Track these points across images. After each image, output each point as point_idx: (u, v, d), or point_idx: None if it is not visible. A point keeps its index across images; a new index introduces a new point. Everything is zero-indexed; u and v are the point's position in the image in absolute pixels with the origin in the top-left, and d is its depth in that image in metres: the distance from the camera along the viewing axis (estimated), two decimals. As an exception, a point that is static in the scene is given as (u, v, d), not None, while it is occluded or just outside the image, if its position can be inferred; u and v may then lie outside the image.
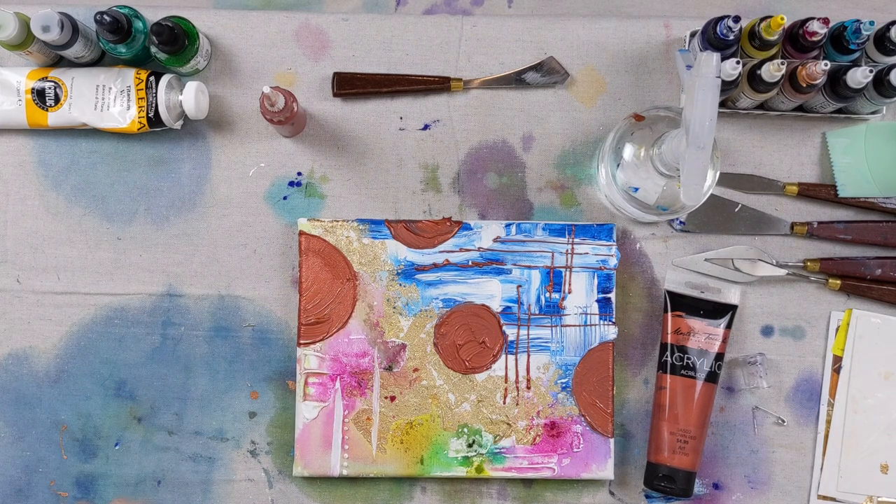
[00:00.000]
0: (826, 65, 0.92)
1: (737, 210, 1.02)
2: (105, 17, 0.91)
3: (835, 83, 0.95)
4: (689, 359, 0.98)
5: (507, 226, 1.00)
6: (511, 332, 0.99)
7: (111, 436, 1.00)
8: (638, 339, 1.02)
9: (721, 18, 0.93)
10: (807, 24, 0.93)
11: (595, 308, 0.99)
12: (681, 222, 1.02)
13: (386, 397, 0.98)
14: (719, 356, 0.99)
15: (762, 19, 0.93)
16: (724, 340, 0.99)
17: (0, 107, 0.98)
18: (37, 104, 0.97)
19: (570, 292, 0.99)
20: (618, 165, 0.94)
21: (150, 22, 0.96)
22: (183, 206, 1.02)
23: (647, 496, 1.00)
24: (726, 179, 1.02)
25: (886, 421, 1.01)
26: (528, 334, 0.99)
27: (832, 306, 1.02)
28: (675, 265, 1.02)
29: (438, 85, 1.02)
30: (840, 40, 0.95)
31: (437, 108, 1.03)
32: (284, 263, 1.01)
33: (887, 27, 0.94)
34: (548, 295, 0.99)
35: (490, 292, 0.99)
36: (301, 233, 0.99)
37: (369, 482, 1.00)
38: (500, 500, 1.00)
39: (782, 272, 1.01)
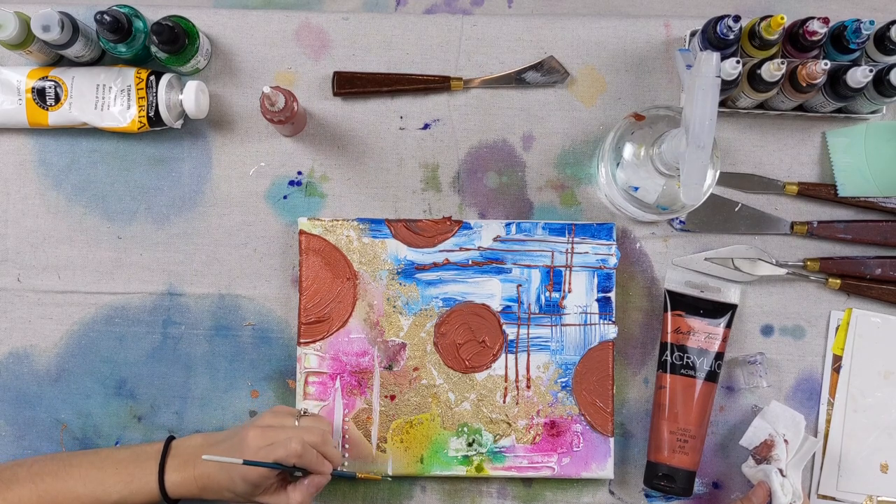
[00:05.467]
0: (826, 64, 0.92)
1: (737, 209, 1.02)
2: (105, 16, 0.91)
3: (835, 83, 0.95)
4: (688, 358, 0.98)
5: (507, 225, 1.00)
6: (511, 332, 0.99)
7: (111, 434, 1.00)
8: (638, 339, 1.02)
9: (721, 18, 0.93)
10: (807, 24, 0.93)
11: (595, 307, 0.99)
12: (681, 221, 1.02)
13: (386, 396, 0.98)
14: (719, 355, 0.99)
15: (762, 19, 0.93)
16: (724, 340, 0.99)
17: (0, 106, 0.98)
18: (37, 103, 0.97)
19: (569, 291, 0.99)
20: (618, 165, 0.94)
21: (150, 21, 0.96)
22: (183, 206, 1.02)
23: (646, 495, 1.01)
24: (726, 179, 1.02)
25: (886, 420, 1.01)
26: (528, 333, 0.99)
27: (832, 306, 1.02)
28: (675, 264, 1.02)
29: (438, 84, 1.02)
30: (840, 40, 0.95)
31: (438, 107, 1.03)
32: (285, 262, 1.01)
33: (887, 27, 0.94)
34: (548, 294, 0.99)
35: (490, 291, 0.99)
36: (301, 232, 0.99)
37: (369, 481, 1.00)
38: (500, 500, 1.00)
39: (782, 271, 1.01)
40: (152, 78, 0.97)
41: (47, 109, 0.97)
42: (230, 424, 1.00)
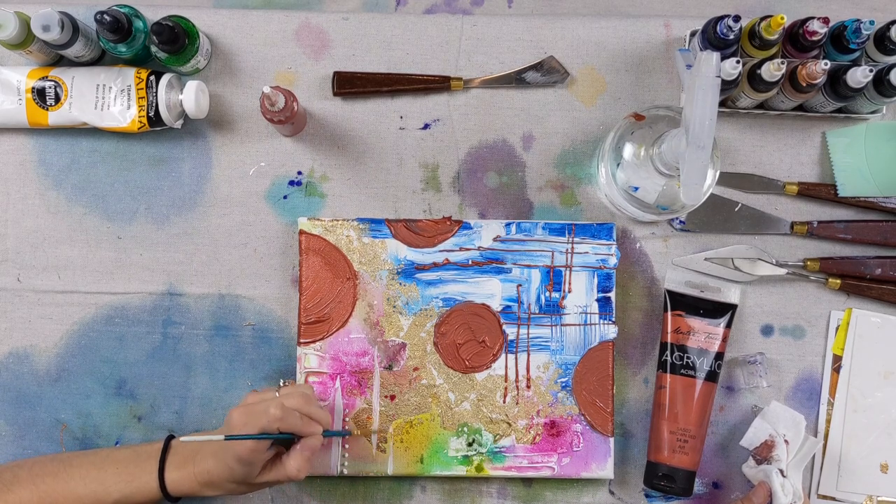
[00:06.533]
0: (826, 64, 0.92)
1: (737, 209, 1.02)
2: (105, 16, 0.91)
3: (835, 83, 0.95)
4: (688, 358, 0.98)
5: (507, 225, 1.00)
6: (511, 332, 0.99)
7: (111, 434, 1.00)
8: (638, 339, 1.02)
9: (721, 18, 0.93)
10: (807, 24, 0.93)
11: (595, 307, 0.99)
12: (681, 221, 1.02)
13: (386, 396, 0.98)
14: (719, 355, 0.99)
15: (762, 19, 0.93)
16: (724, 340, 0.99)
17: (0, 106, 0.98)
18: (37, 103, 0.97)
19: (570, 291, 0.99)
20: (618, 165, 0.94)
21: (150, 21, 0.96)
22: (183, 206, 1.02)
23: (646, 495, 1.01)
24: (726, 179, 1.02)
25: (886, 420, 1.01)
26: (528, 333, 0.99)
27: (832, 305, 1.02)
28: (675, 264, 1.02)
29: (438, 84, 1.02)
30: (840, 40, 0.95)
31: (438, 107, 1.03)
32: (285, 262, 1.01)
33: (887, 27, 0.94)
34: (548, 294, 0.99)
35: (490, 291, 0.99)
36: (301, 232, 0.99)
37: (369, 481, 1.00)
38: (500, 500, 1.00)
39: (782, 271, 1.01)
40: (152, 78, 0.97)
41: (47, 109, 0.97)
42: (230, 424, 1.00)
